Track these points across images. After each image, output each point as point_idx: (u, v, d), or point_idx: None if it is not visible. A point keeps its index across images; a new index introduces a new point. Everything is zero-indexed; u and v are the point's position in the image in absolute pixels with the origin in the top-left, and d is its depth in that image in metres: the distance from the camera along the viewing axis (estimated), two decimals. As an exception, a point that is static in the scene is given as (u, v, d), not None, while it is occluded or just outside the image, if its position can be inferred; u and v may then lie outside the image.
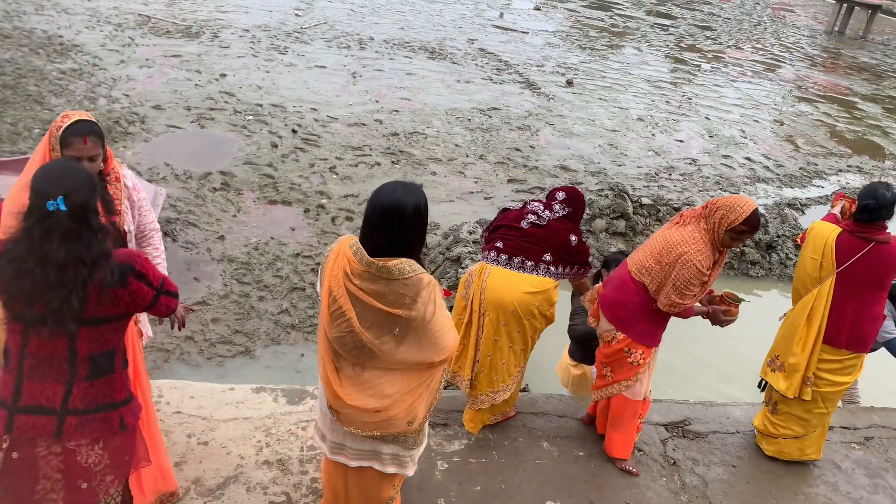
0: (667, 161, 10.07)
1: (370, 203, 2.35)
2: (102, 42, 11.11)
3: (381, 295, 2.30)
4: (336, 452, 2.58)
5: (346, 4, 17.02)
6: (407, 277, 2.30)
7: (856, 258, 3.48)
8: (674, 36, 20.08)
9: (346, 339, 2.35)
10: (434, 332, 2.37)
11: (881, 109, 15.44)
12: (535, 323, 3.55)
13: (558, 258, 3.56)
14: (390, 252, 2.31)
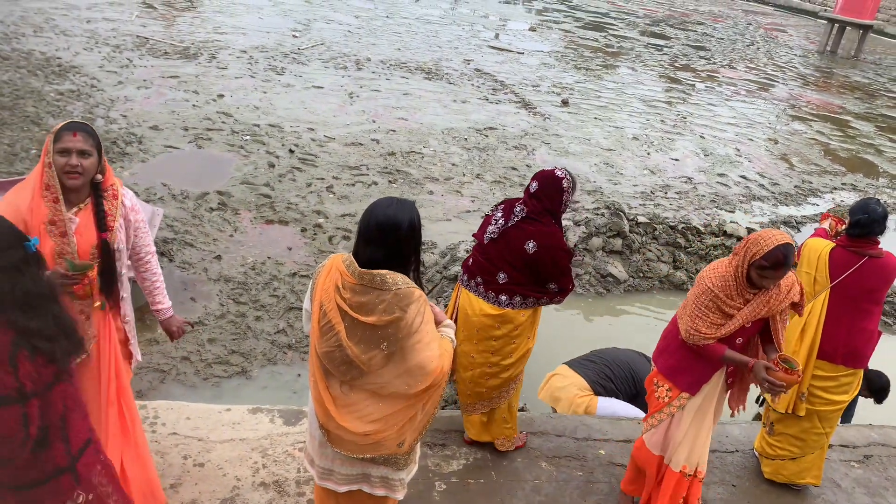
0: (662, 179, 10.12)
1: (364, 218, 2.35)
2: (100, 63, 11.17)
3: (372, 306, 2.27)
4: (324, 478, 2.54)
5: (343, 26, 17.18)
6: (399, 288, 2.28)
7: (849, 272, 3.48)
8: (668, 56, 20.28)
9: (335, 354, 2.32)
10: (421, 349, 2.32)
11: (874, 128, 15.57)
12: (506, 344, 3.42)
13: (513, 279, 3.27)
14: (384, 266, 2.31)
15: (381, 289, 2.28)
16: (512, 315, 3.35)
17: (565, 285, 3.42)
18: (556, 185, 3.33)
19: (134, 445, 2.89)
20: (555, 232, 3.32)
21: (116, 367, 2.81)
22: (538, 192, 3.33)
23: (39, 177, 2.53)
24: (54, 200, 2.52)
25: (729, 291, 2.99)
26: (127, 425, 2.86)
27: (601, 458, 3.90)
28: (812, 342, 3.60)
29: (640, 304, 6.84)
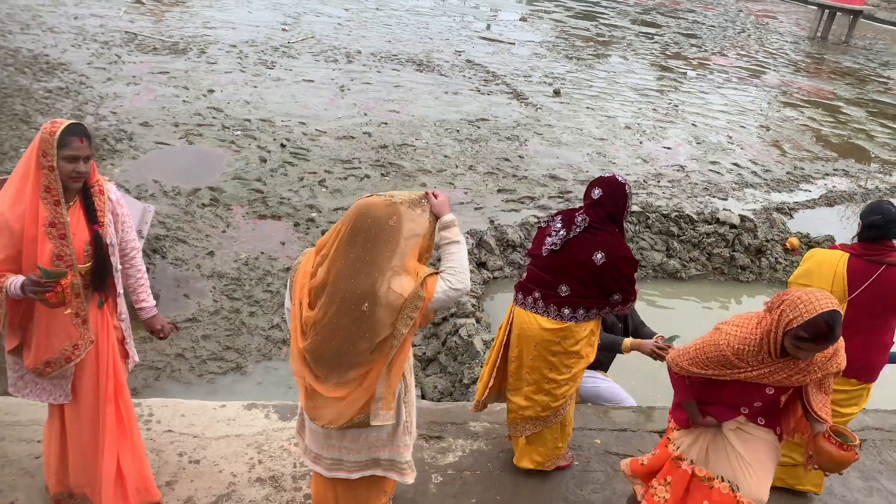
0: (655, 168, 10.13)
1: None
2: (89, 60, 11.09)
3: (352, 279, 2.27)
4: (335, 469, 2.55)
5: (333, 18, 17.09)
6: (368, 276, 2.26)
7: (867, 284, 3.20)
8: (659, 44, 20.25)
9: (318, 349, 2.33)
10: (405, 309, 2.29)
11: (865, 113, 15.61)
12: (566, 359, 3.27)
13: (577, 291, 3.15)
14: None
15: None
16: (574, 329, 3.20)
17: (629, 295, 3.25)
18: (620, 190, 3.17)
19: (130, 443, 2.89)
20: (621, 242, 3.19)
21: (114, 364, 2.81)
22: (602, 199, 3.17)
23: (35, 179, 2.48)
24: (55, 203, 2.51)
25: (746, 359, 2.59)
26: (124, 423, 2.86)
27: (597, 447, 3.91)
28: None
29: (634, 293, 6.84)
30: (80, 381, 2.72)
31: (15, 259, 2.49)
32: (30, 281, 2.40)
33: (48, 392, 2.71)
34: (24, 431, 3.38)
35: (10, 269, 2.50)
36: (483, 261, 6.68)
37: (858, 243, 3.34)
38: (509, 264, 6.79)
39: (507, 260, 6.83)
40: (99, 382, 2.75)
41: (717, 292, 7.07)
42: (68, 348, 2.63)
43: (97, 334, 2.71)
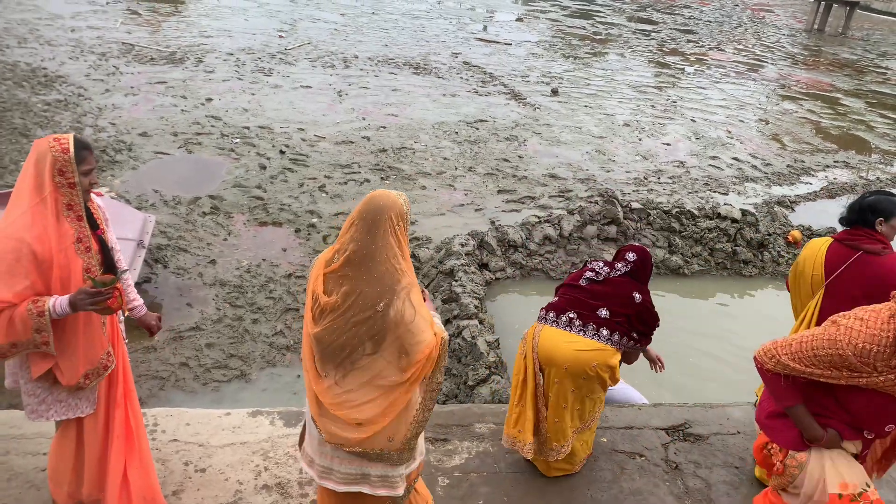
0: (655, 165, 10.11)
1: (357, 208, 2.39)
2: (87, 72, 11.11)
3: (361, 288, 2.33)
4: (324, 477, 2.53)
5: (329, 24, 17.11)
6: (386, 272, 2.32)
7: (842, 269, 3.23)
8: (656, 41, 20.24)
9: (327, 339, 2.35)
10: (413, 334, 2.34)
11: (864, 104, 15.58)
12: (591, 384, 3.36)
13: (616, 315, 3.37)
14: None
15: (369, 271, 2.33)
16: (610, 353, 3.33)
17: (646, 338, 3.58)
18: (649, 260, 3.61)
19: (138, 451, 2.89)
20: (650, 297, 3.56)
21: (125, 368, 2.82)
22: (636, 263, 3.56)
23: (54, 199, 2.46)
24: (78, 218, 2.53)
25: (872, 361, 2.23)
26: (132, 429, 2.86)
27: (604, 445, 3.90)
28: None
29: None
30: (100, 389, 2.74)
31: (35, 285, 2.44)
32: (85, 294, 2.40)
33: (75, 407, 2.70)
34: (28, 444, 3.38)
35: (31, 295, 2.44)
36: (485, 262, 6.67)
37: (844, 229, 3.37)
38: (511, 265, 6.79)
39: (508, 261, 6.82)
40: (109, 386, 2.76)
41: (720, 287, 7.05)
42: (104, 356, 2.67)
43: (110, 338, 2.72)
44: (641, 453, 3.87)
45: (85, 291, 2.41)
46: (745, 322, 6.32)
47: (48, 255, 2.45)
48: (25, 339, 2.43)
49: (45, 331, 2.43)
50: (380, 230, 2.32)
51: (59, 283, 2.48)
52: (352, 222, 2.37)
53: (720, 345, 5.94)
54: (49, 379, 2.61)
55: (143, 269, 5.84)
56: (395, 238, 2.35)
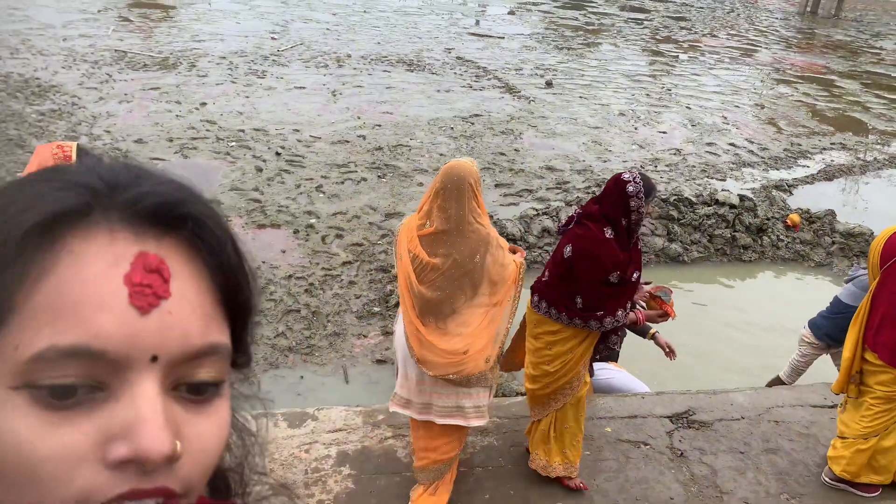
0: (651, 153, 10.10)
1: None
2: (80, 80, 11.10)
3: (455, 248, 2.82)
4: (424, 412, 2.94)
5: (321, 24, 17.08)
6: (475, 231, 2.82)
7: (894, 260, 3.24)
8: (648, 29, 20.21)
9: (420, 299, 2.80)
10: (499, 270, 2.87)
11: (859, 85, 15.55)
12: (544, 345, 3.36)
13: (551, 280, 3.12)
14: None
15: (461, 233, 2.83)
16: (546, 323, 3.16)
17: (591, 305, 3.01)
18: (617, 187, 2.97)
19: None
20: (597, 238, 2.94)
21: None
22: (600, 195, 3.08)
23: None
24: None
25: None
26: None
27: (608, 435, 3.90)
28: (860, 325, 3.43)
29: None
30: None
31: None
32: None
33: None
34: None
35: None
36: (484, 256, 6.69)
37: None
38: (511, 258, 6.79)
39: (508, 254, 6.83)
40: None
41: (720, 273, 7.05)
42: None
43: None
44: (646, 441, 3.88)
45: None
46: (747, 308, 6.33)
47: None
48: None
49: None
50: (464, 197, 2.78)
51: None
52: (436, 192, 2.82)
53: (723, 330, 5.95)
54: None
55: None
56: (476, 201, 2.82)
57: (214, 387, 0.51)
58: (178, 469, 0.47)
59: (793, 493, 3.62)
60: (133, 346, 0.46)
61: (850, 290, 4.52)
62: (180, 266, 0.50)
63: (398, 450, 3.62)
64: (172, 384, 0.49)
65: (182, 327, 0.48)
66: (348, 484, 3.38)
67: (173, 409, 0.48)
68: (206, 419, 0.50)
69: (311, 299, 5.99)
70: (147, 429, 0.45)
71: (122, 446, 0.45)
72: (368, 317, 5.87)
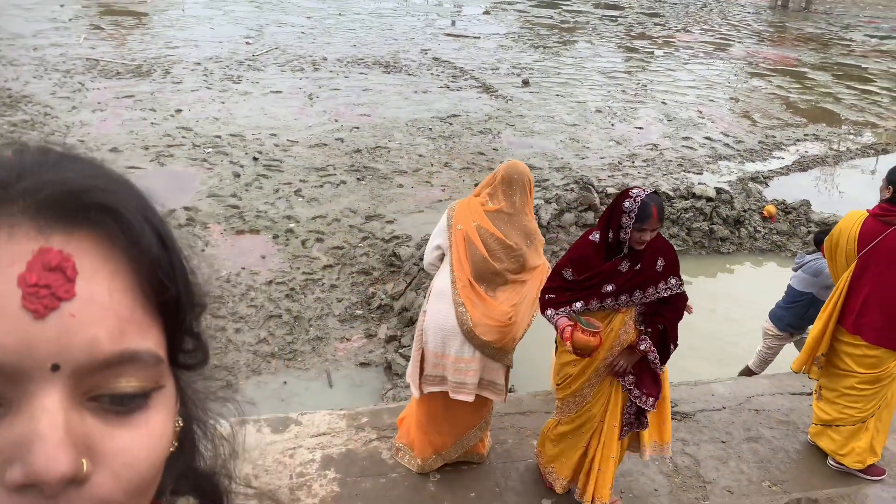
0: (628, 149, 10.17)
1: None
2: (52, 90, 10.96)
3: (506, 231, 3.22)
4: (458, 391, 3.20)
5: (296, 28, 17.01)
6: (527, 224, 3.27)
7: (874, 243, 3.34)
8: (623, 26, 20.35)
9: (481, 265, 3.17)
10: (538, 257, 3.31)
11: (831, 77, 15.77)
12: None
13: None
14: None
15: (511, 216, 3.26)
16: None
17: (542, 289, 3.17)
18: (620, 197, 2.91)
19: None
20: (582, 237, 3.12)
21: None
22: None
23: None
24: None
25: None
26: None
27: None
28: (833, 306, 3.51)
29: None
30: None
31: None
32: None
33: None
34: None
35: None
36: (465, 256, 6.69)
37: (880, 204, 3.42)
38: (492, 257, 6.81)
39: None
40: None
41: (699, 266, 7.12)
42: None
43: None
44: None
45: None
46: (726, 299, 6.39)
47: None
48: None
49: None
50: (526, 190, 3.25)
51: None
52: (501, 178, 3.23)
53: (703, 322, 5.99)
54: None
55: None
56: (530, 200, 3.27)
57: (141, 397, 0.46)
58: (93, 488, 0.42)
59: (774, 479, 3.67)
60: (27, 354, 0.41)
61: (801, 277, 4.62)
62: (94, 263, 0.44)
63: (383, 452, 3.62)
64: (87, 395, 0.43)
65: (88, 332, 0.42)
66: (333, 487, 3.37)
67: (86, 423, 0.43)
68: (130, 431, 0.45)
69: (292, 304, 5.96)
70: (42, 447, 0.40)
71: (17, 468, 0.40)
72: (351, 320, 5.85)
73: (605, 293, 2.93)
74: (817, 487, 3.65)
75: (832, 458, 3.75)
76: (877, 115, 13.03)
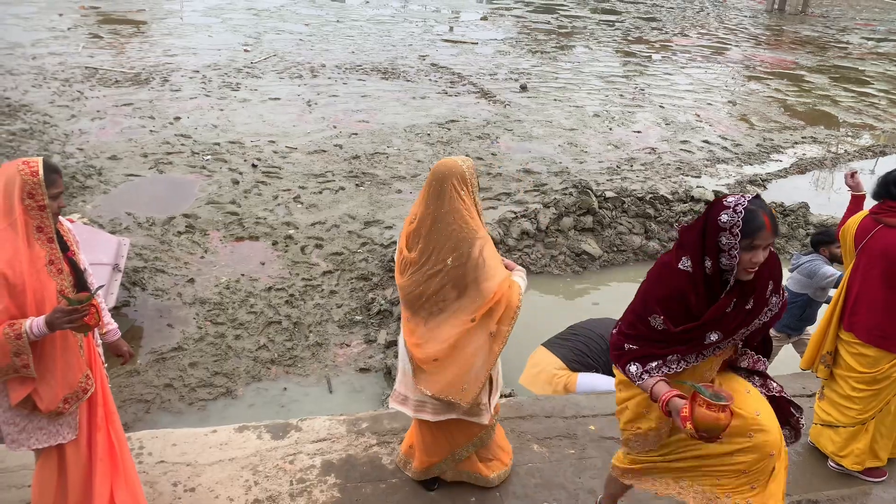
0: (627, 153, 10.19)
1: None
2: (51, 99, 10.98)
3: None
4: (419, 410, 2.99)
5: (294, 35, 17.05)
6: (456, 230, 2.76)
7: (865, 241, 3.36)
8: (620, 30, 20.41)
9: (408, 288, 2.84)
10: (484, 279, 2.78)
11: (828, 79, 15.81)
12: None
13: None
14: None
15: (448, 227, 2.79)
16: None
17: (614, 340, 2.60)
18: (711, 212, 2.26)
19: (123, 474, 2.85)
20: (664, 264, 2.47)
21: (104, 391, 2.79)
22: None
23: (24, 221, 2.45)
24: (49, 240, 2.52)
25: None
26: (115, 452, 2.83)
27: (591, 433, 3.92)
28: (835, 306, 3.53)
29: (616, 279, 6.89)
30: (81, 413, 2.71)
31: (9, 309, 2.42)
32: (62, 312, 2.38)
33: (55, 433, 2.65)
34: (12, 477, 3.34)
35: (6, 319, 2.42)
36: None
37: (880, 202, 3.42)
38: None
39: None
40: (88, 410, 2.73)
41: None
42: (83, 379, 2.63)
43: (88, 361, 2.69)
44: (629, 438, 3.89)
45: (61, 310, 2.39)
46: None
47: (20, 279, 2.42)
48: (5, 364, 2.41)
49: (25, 353, 2.41)
50: (445, 194, 2.74)
51: (33, 306, 2.46)
52: (423, 189, 2.82)
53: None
54: (28, 406, 2.58)
55: (121, 292, 5.78)
56: (461, 201, 2.75)
57: None
58: None
59: (775, 482, 3.66)
60: None
61: (796, 279, 4.64)
62: None
63: (383, 457, 3.61)
64: None
65: None
66: (334, 493, 3.36)
67: None
68: None
69: (291, 310, 5.97)
70: None
71: None
72: (350, 326, 5.86)
73: (709, 343, 2.29)
74: (818, 489, 3.65)
75: (832, 460, 3.75)
76: (874, 117, 13.06)
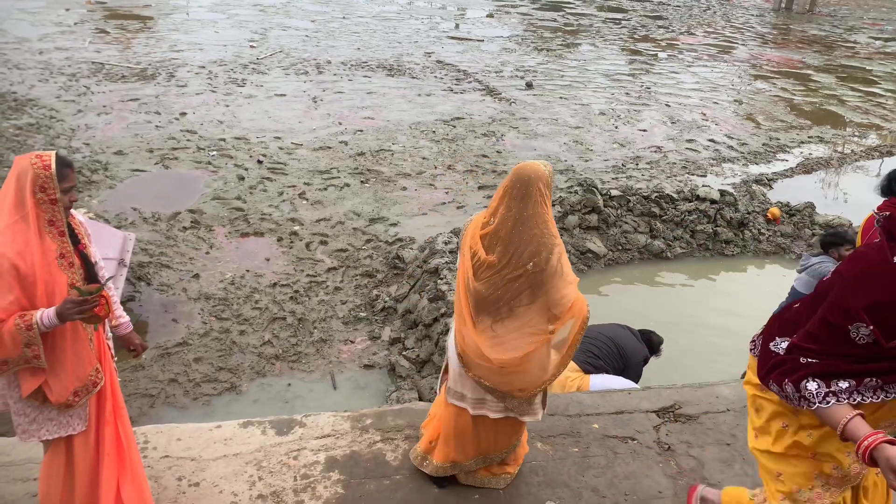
0: (632, 151, 10.17)
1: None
2: (57, 94, 11.01)
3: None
4: (478, 407, 2.97)
5: (300, 31, 17.05)
6: (537, 234, 2.70)
7: (867, 237, 3.31)
8: (627, 28, 20.36)
9: (484, 292, 2.77)
10: (561, 287, 2.74)
11: (835, 79, 15.75)
12: None
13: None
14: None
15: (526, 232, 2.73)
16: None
17: (798, 347, 2.12)
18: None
19: (130, 468, 2.87)
20: (872, 259, 2.07)
21: (113, 384, 2.80)
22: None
23: (35, 215, 2.46)
24: (60, 234, 2.53)
25: None
26: (123, 446, 2.84)
27: (595, 432, 3.92)
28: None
29: (622, 277, 6.88)
30: (90, 406, 2.72)
31: (20, 300, 2.43)
32: (72, 303, 2.40)
33: (65, 424, 2.67)
34: (18, 471, 3.35)
35: (17, 311, 2.43)
36: (469, 258, 6.69)
37: (889, 198, 3.36)
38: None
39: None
40: (97, 404, 2.74)
41: (703, 268, 7.11)
42: (93, 373, 2.65)
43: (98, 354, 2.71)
44: (633, 437, 3.90)
45: (71, 300, 2.40)
46: (730, 301, 6.39)
47: (31, 271, 2.43)
48: (16, 354, 2.42)
49: (35, 344, 2.42)
50: (531, 199, 2.69)
51: (44, 298, 2.47)
52: (504, 191, 2.74)
53: (707, 324, 6.00)
54: (39, 397, 2.59)
55: (126, 287, 5.80)
56: (543, 205, 2.72)
57: None
58: None
59: (779, 482, 3.66)
60: None
61: (805, 280, 4.62)
62: None
63: (387, 453, 3.62)
64: None
65: None
66: (337, 489, 3.37)
67: None
68: None
69: (296, 306, 5.98)
70: None
71: None
72: (355, 322, 5.86)
73: None
74: (822, 490, 3.64)
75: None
76: (881, 117, 13.01)
